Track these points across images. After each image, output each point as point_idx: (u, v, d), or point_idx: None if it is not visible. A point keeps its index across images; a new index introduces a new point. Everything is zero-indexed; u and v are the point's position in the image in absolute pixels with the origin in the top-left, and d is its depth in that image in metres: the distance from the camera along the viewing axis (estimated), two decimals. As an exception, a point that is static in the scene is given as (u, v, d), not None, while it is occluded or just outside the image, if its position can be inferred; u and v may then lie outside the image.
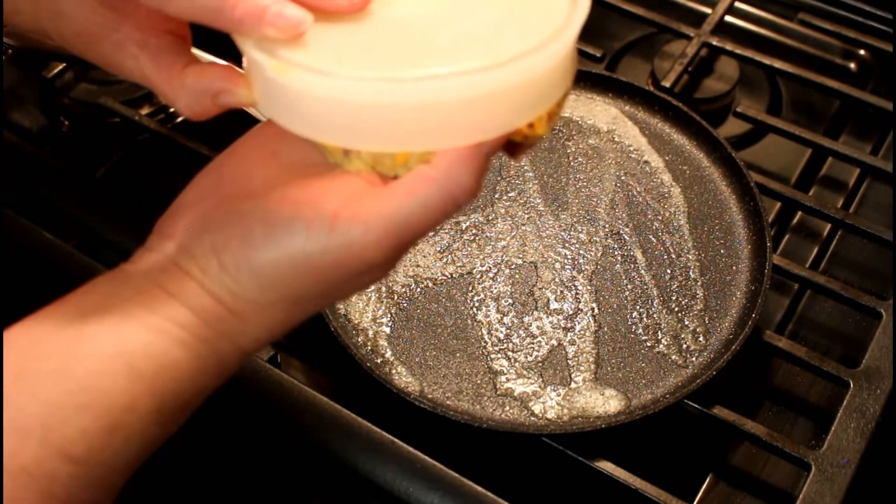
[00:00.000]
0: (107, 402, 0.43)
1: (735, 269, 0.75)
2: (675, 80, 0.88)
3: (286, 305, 0.46)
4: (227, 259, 0.45)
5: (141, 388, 0.43)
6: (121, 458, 0.43)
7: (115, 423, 0.43)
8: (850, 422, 0.67)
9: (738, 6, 0.99)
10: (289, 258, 0.44)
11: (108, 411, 0.43)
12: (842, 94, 0.89)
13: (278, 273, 0.45)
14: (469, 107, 0.43)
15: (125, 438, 0.43)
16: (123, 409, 0.43)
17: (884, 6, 0.97)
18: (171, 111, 0.89)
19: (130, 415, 0.43)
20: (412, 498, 0.65)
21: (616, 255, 0.75)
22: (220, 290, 0.46)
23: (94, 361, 0.43)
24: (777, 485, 0.69)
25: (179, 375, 0.45)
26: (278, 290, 0.45)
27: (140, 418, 0.43)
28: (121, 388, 0.43)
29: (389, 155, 0.46)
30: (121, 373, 0.43)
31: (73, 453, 0.42)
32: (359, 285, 0.48)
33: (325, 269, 0.44)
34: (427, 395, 0.67)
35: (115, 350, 0.44)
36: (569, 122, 0.84)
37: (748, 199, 0.77)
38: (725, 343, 0.70)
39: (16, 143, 0.86)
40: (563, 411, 0.67)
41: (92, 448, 0.42)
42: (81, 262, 0.76)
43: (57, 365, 0.43)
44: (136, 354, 0.44)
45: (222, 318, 0.46)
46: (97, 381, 0.43)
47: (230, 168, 0.50)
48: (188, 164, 0.83)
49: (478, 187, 0.45)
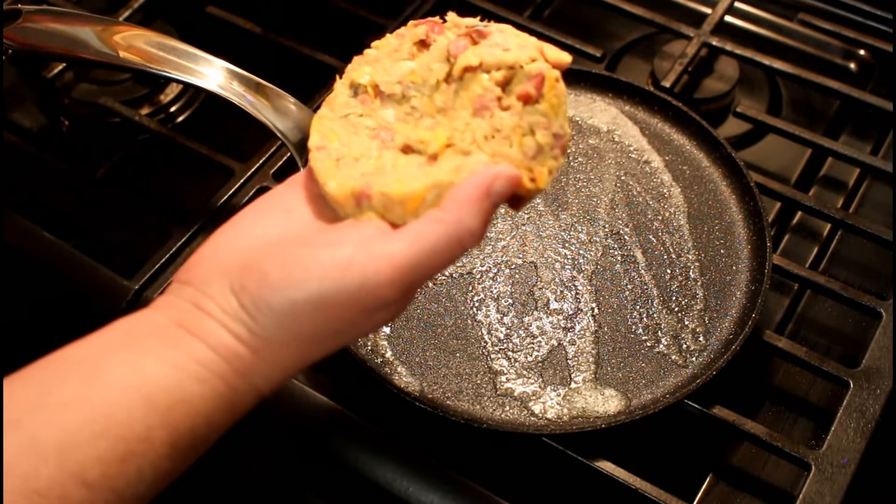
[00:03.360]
0: (122, 431, 0.44)
1: (735, 269, 0.75)
2: (675, 80, 0.88)
3: (302, 344, 0.48)
4: (246, 299, 0.47)
5: (156, 419, 0.44)
6: (132, 487, 0.44)
7: (129, 451, 0.44)
8: (850, 422, 0.67)
9: (738, 6, 0.99)
10: (305, 298, 0.46)
11: (124, 440, 0.44)
12: (842, 94, 0.89)
13: (295, 312, 0.46)
14: None
15: (138, 468, 0.44)
16: (138, 438, 0.44)
17: (884, 6, 0.97)
18: (171, 111, 0.90)
19: (145, 445, 0.44)
20: (412, 498, 0.65)
21: (616, 255, 0.75)
22: (238, 328, 0.47)
23: (112, 392, 0.44)
24: (777, 485, 0.69)
25: (194, 410, 0.46)
26: (294, 328, 0.47)
27: (154, 449, 0.44)
28: (137, 418, 0.44)
29: (400, 204, 0.48)
30: (137, 404, 0.44)
31: (87, 478, 0.43)
32: (372, 323, 0.49)
33: (339, 307, 0.46)
34: (427, 395, 0.67)
35: (133, 382, 0.45)
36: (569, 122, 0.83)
37: (748, 199, 0.77)
38: (725, 343, 0.70)
39: (16, 143, 0.86)
40: (563, 411, 0.67)
41: (106, 474, 0.43)
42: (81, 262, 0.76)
43: (76, 394, 0.44)
44: (153, 387, 0.45)
45: (239, 356, 0.47)
46: (114, 411, 0.44)
47: (247, 222, 0.52)
48: (188, 164, 0.84)
49: (482, 232, 0.47)
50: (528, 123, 0.49)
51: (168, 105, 0.89)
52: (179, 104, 0.90)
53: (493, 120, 0.50)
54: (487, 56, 0.51)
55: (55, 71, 0.88)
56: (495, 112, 0.50)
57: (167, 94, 0.90)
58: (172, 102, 0.90)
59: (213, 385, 0.46)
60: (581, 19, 0.99)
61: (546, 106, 0.50)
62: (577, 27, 0.96)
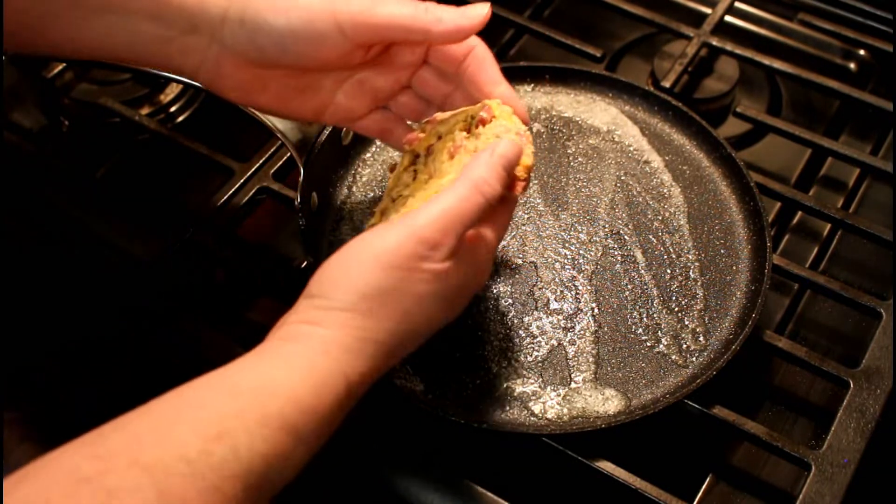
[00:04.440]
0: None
1: (735, 269, 0.75)
2: (675, 80, 0.88)
3: (373, 306, 0.53)
4: (315, 289, 0.55)
5: (244, 402, 0.48)
6: (230, 465, 0.46)
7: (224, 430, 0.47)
8: (850, 422, 0.67)
9: (738, 6, 0.99)
10: (370, 252, 0.54)
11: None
12: (842, 94, 0.89)
13: (363, 271, 0.54)
14: None
15: (233, 446, 0.46)
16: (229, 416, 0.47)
17: (884, 6, 0.97)
18: (171, 111, 0.90)
19: (236, 422, 0.47)
20: (412, 497, 0.65)
21: (616, 255, 0.75)
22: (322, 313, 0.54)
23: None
24: (777, 485, 0.69)
25: (279, 391, 0.50)
26: (363, 286, 0.53)
27: (245, 428, 0.47)
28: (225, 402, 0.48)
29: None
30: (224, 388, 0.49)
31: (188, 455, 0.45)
32: (431, 274, 0.55)
33: (391, 253, 0.54)
34: (427, 395, 0.67)
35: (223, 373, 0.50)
36: (569, 122, 0.84)
37: (748, 199, 0.77)
38: (725, 343, 0.70)
39: (16, 143, 0.86)
40: (563, 411, 0.67)
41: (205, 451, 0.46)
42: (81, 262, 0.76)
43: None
44: (234, 370, 0.51)
45: (316, 331, 0.53)
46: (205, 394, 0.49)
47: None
48: (188, 164, 0.84)
49: (498, 186, 0.57)
50: (493, 134, 0.62)
51: (168, 105, 0.89)
52: (179, 104, 0.90)
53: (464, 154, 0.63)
54: (481, 145, 0.62)
55: (55, 71, 0.88)
56: (465, 146, 0.63)
57: (167, 94, 0.90)
58: (172, 102, 0.90)
59: (296, 365, 0.51)
60: (581, 19, 1.00)
61: (502, 119, 0.62)
62: (577, 27, 0.96)
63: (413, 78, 0.67)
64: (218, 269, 0.79)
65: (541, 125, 0.83)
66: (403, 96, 0.68)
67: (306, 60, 0.62)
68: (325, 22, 0.60)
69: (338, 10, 0.60)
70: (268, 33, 0.60)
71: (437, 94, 0.67)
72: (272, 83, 0.64)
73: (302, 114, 0.67)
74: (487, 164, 0.57)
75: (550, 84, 0.86)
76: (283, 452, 0.48)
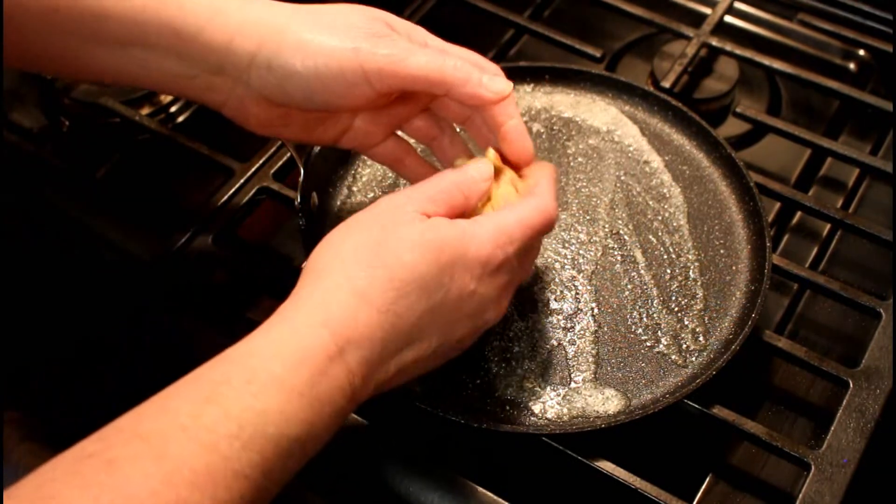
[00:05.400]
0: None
1: (735, 269, 0.75)
2: (675, 81, 0.88)
3: (361, 257, 0.54)
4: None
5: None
6: (223, 424, 0.47)
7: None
8: (850, 422, 0.67)
9: (737, 6, 0.99)
10: (417, 237, 0.55)
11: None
12: (841, 94, 0.89)
13: (408, 258, 0.54)
14: None
15: (224, 406, 0.47)
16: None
17: (884, 6, 0.97)
18: (171, 111, 0.90)
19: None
20: (412, 498, 0.65)
21: (616, 255, 0.75)
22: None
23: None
24: (777, 485, 0.69)
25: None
26: (405, 274, 0.54)
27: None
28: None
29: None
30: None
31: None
32: (470, 276, 0.56)
33: (437, 247, 0.54)
34: (427, 395, 0.67)
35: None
36: (569, 122, 0.84)
37: (748, 199, 0.77)
38: (725, 343, 0.70)
39: (16, 143, 0.86)
40: (563, 411, 0.67)
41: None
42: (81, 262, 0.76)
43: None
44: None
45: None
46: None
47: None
48: (188, 164, 0.84)
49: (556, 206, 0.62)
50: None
51: (168, 105, 0.89)
52: (179, 104, 0.90)
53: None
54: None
55: (55, 71, 0.88)
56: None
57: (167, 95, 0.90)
58: (172, 102, 0.89)
59: (277, 328, 0.52)
60: (581, 19, 1.00)
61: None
62: (577, 27, 0.96)
63: (434, 102, 0.68)
64: (218, 269, 0.79)
65: (541, 125, 0.83)
66: (419, 120, 0.69)
67: (333, 106, 0.62)
68: (353, 72, 0.59)
69: (364, 59, 0.59)
70: (296, 81, 0.60)
71: (458, 117, 0.68)
72: (296, 118, 0.64)
73: (322, 141, 0.68)
74: (550, 189, 0.62)
75: (550, 84, 0.86)
76: (279, 407, 0.48)
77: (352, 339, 0.52)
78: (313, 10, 0.61)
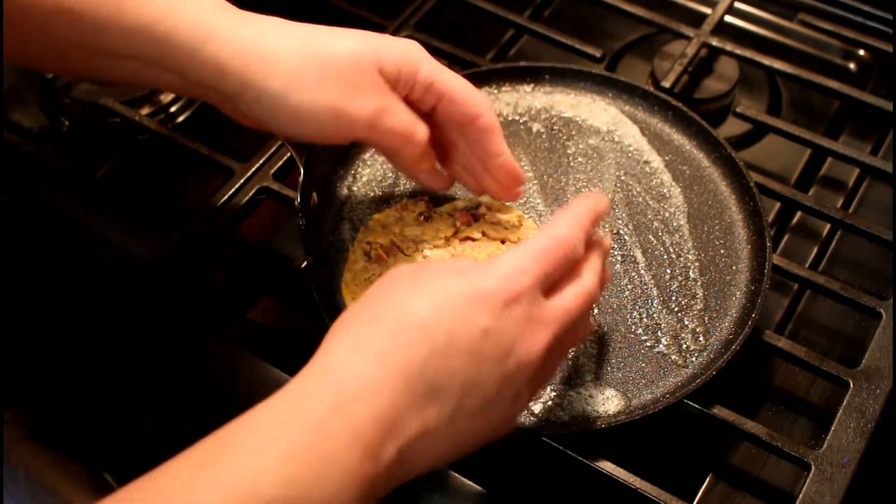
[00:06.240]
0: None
1: (735, 269, 0.75)
2: (675, 80, 0.88)
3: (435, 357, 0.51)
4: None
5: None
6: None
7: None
8: (850, 422, 0.67)
9: (737, 6, 0.99)
10: (441, 289, 0.53)
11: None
12: (841, 94, 0.89)
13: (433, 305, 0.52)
14: None
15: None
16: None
17: (884, 6, 0.97)
18: (171, 111, 0.90)
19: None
20: (412, 497, 0.65)
21: (616, 255, 0.75)
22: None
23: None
24: (777, 485, 0.69)
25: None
26: (402, 317, 0.52)
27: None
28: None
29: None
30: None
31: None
32: (500, 340, 0.53)
33: (436, 290, 0.53)
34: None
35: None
36: (569, 122, 0.84)
37: (748, 199, 0.77)
38: (725, 343, 0.70)
39: (16, 143, 0.86)
40: (563, 411, 0.67)
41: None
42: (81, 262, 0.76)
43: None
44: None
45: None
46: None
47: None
48: (188, 164, 0.84)
49: (581, 236, 0.58)
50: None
51: (168, 105, 0.89)
52: (179, 104, 0.90)
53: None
54: (489, 230, 0.72)
55: (55, 71, 0.88)
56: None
57: (167, 94, 0.90)
58: (172, 102, 0.89)
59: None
60: (581, 19, 1.00)
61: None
62: (577, 27, 0.96)
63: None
64: (218, 269, 0.79)
65: (540, 125, 0.83)
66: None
67: (320, 141, 0.66)
68: (335, 126, 0.63)
69: (341, 120, 0.63)
70: (283, 118, 0.63)
71: (445, 142, 0.70)
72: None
73: (323, 141, 0.68)
74: (577, 222, 0.59)
75: (550, 84, 0.86)
76: (273, 467, 0.47)
77: (351, 392, 0.49)
78: (306, 43, 0.63)
